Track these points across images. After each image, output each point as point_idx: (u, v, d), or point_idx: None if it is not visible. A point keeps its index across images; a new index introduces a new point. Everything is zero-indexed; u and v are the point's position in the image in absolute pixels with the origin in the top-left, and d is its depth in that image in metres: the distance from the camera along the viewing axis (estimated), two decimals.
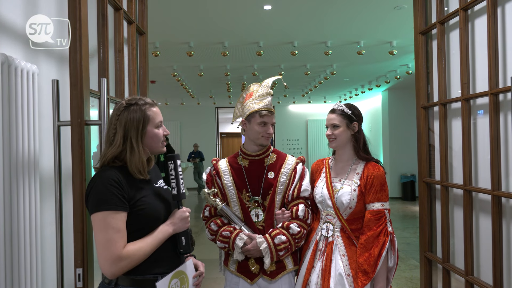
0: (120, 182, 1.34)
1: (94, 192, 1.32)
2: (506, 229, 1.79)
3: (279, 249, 1.83)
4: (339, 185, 1.89)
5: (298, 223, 1.87)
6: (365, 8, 4.38)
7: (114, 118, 1.41)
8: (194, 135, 12.46)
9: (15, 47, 1.53)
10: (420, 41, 2.46)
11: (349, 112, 1.92)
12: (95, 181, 1.34)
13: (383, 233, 1.77)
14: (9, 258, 1.41)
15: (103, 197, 1.31)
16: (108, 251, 1.28)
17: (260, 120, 1.92)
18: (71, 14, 1.51)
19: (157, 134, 1.46)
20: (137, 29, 2.33)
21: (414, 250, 5.35)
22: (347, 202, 1.83)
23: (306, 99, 11.98)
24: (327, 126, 1.95)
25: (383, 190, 1.84)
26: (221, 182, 1.98)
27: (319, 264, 1.85)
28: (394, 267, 1.81)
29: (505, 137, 1.79)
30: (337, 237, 1.86)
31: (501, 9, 1.81)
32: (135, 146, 1.39)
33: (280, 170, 1.96)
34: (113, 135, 1.40)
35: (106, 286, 1.38)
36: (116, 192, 1.32)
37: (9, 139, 1.42)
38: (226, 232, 1.89)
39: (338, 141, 1.91)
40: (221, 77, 7.97)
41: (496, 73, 1.80)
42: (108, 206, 1.30)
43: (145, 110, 1.42)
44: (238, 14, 4.54)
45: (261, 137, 1.94)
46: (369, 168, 1.88)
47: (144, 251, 1.35)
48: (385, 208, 1.82)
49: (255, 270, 1.88)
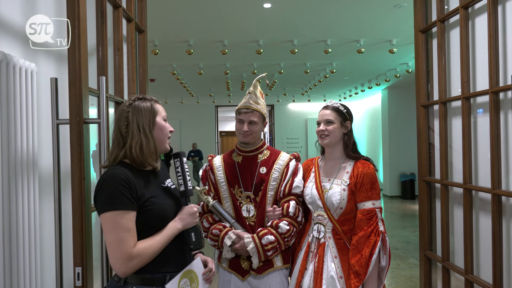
0: (129, 181, 1.34)
1: (103, 192, 1.32)
2: (506, 228, 1.79)
3: (266, 249, 1.81)
4: (328, 185, 1.85)
5: (288, 221, 1.86)
6: (365, 7, 4.38)
7: (125, 110, 1.43)
8: (193, 133, 12.46)
9: (14, 45, 1.52)
10: (420, 39, 2.45)
11: (344, 110, 1.90)
12: (104, 181, 1.34)
13: (374, 233, 1.73)
14: (8, 257, 1.41)
15: (112, 197, 1.31)
16: (119, 250, 1.29)
17: (238, 117, 1.96)
18: (70, 12, 1.50)
19: (165, 126, 1.49)
20: (136, 27, 2.32)
21: (413, 248, 5.35)
22: (337, 202, 1.79)
23: (306, 98, 11.97)
24: (320, 122, 1.91)
25: (374, 188, 1.80)
26: (214, 178, 2.00)
27: (311, 266, 1.82)
28: (386, 267, 1.78)
29: (505, 135, 1.79)
30: (328, 238, 1.82)
31: (502, 7, 1.80)
32: (148, 135, 1.41)
33: (273, 166, 1.95)
34: (125, 127, 1.40)
35: (115, 284, 1.38)
36: (125, 192, 1.32)
37: (7, 137, 1.42)
38: (216, 230, 1.89)
39: (331, 138, 1.86)
40: (221, 75, 7.96)
41: (496, 72, 1.80)
42: (117, 206, 1.30)
43: (153, 103, 1.47)
44: (237, 12, 4.53)
45: (239, 134, 1.96)
46: (359, 166, 1.84)
47: (154, 248, 1.36)
48: (376, 207, 1.78)
49: (245, 267, 1.89)
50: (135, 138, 1.39)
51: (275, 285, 1.88)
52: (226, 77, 8.19)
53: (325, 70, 7.74)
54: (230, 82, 8.77)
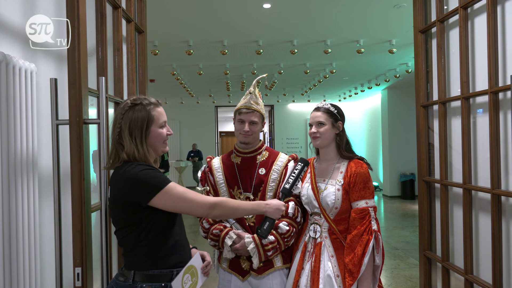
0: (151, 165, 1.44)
1: (144, 180, 1.36)
2: (505, 227, 1.79)
3: (267, 249, 1.82)
4: (323, 185, 1.86)
5: (288, 221, 1.87)
6: (364, 7, 4.38)
7: (118, 117, 1.44)
8: (193, 134, 12.45)
9: (13, 45, 1.52)
10: (420, 39, 2.46)
11: (335, 111, 1.90)
12: (133, 174, 1.36)
13: (367, 232, 1.73)
14: (8, 257, 1.41)
15: (157, 178, 1.38)
16: (203, 199, 1.43)
17: (238, 117, 1.96)
18: (69, 12, 1.50)
19: (161, 134, 1.48)
20: (136, 27, 2.32)
21: (413, 248, 5.35)
22: (332, 203, 1.80)
23: (306, 98, 11.96)
24: (311, 124, 1.92)
25: (367, 187, 1.80)
26: (213, 179, 2.00)
27: (308, 266, 1.83)
28: (380, 265, 1.79)
29: (504, 135, 1.79)
30: (325, 237, 1.83)
31: (501, 7, 1.81)
32: (139, 146, 1.42)
33: (272, 167, 1.96)
34: (117, 134, 1.43)
35: (122, 283, 1.39)
36: (158, 172, 1.42)
37: (7, 138, 1.42)
38: (216, 230, 1.90)
39: (322, 139, 1.88)
40: (221, 75, 7.96)
41: (496, 72, 1.80)
42: (168, 180, 1.39)
43: (150, 110, 1.45)
44: (237, 12, 4.53)
45: (239, 134, 1.96)
46: (352, 166, 1.84)
47: (234, 203, 1.52)
48: (369, 206, 1.78)
49: (246, 267, 1.89)
50: (127, 146, 1.41)
51: (276, 285, 1.88)
52: (226, 77, 8.19)
53: (325, 70, 7.74)
54: (230, 83, 8.77)
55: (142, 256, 1.41)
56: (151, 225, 1.40)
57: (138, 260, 1.41)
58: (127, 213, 1.39)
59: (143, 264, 1.41)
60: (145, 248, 1.41)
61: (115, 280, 1.44)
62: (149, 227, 1.39)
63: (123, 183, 1.37)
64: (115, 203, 1.42)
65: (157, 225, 1.41)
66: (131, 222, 1.40)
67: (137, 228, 1.40)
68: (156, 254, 1.41)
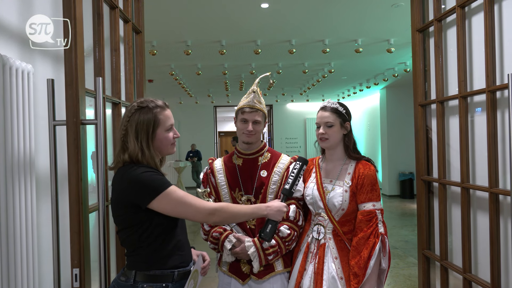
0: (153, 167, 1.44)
1: (144, 182, 1.35)
2: (503, 226, 1.79)
3: (267, 253, 1.80)
4: (330, 186, 1.83)
5: (289, 225, 1.84)
6: (362, 6, 4.38)
7: (125, 119, 1.44)
8: (192, 134, 12.43)
9: (10, 46, 1.52)
10: (417, 38, 2.46)
11: (343, 111, 1.85)
12: (134, 176, 1.36)
13: (374, 235, 1.71)
14: (5, 258, 1.41)
15: (157, 181, 1.37)
16: (203, 205, 1.41)
17: (241, 117, 1.91)
18: (66, 13, 1.50)
19: (167, 137, 1.49)
20: (134, 27, 2.32)
21: (412, 247, 5.36)
22: (339, 204, 1.77)
23: (304, 98, 11.97)
24: (319, 124, 1.86)
25: (374, 190, 1.77)
26: (215, 181, 1.98)
27: (311, 267, 1.80)
28: (386, 269, 1.76)
29: (502, 134, 1.79)
30: (329, 239, 1.80)
31: (498, 6, 1.81)
32: (145, 149, 1.42)
33: (273, 169, 1.93)
34: (123, 136, 1.43)
35: (123, 284, 1.39)
36: (160, 174, 1.42)
37: (4, 138, 1.41)
38: (216, 233, 1.87)
39: (331, 141, 1.83)
40: (219, 75, 7.96)
41: (493, 71, 1.80)
42: (169, 184, 1.39)
43: (156, 113, 1.45)
44: (235, 12, 4.53)
45: (242, 134, 1.92)
46: (360, 167, 1.81)
47: (234, 208, 1.50)
48: (376, 208, 1.75)
49: (246, 270, 1.86)
50: (131, 148, 1.41)
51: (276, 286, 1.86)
52: (225, 77, 8.19)
53: (323, 70, 7.74)
54: (228, 82, 8.77)
55: (143, 256, 1.41)
56: (153, 226, 1.40)
57: (140, 260, 1.42)
58: (129, 214, 1.40)
59: (144, 264, 1.41)
60: (147, 249, 1.41)
61: (117, 280, 1.44)
62: (151, 228, 1.40)
63: (126, 184, 1.38)
64: (117, 203, 1.42)
65: (159, 226, 1.41)
66: (133, 222, 1.40)
67: (139, 228, 1.40)
68: (157, 255, 1.41)
